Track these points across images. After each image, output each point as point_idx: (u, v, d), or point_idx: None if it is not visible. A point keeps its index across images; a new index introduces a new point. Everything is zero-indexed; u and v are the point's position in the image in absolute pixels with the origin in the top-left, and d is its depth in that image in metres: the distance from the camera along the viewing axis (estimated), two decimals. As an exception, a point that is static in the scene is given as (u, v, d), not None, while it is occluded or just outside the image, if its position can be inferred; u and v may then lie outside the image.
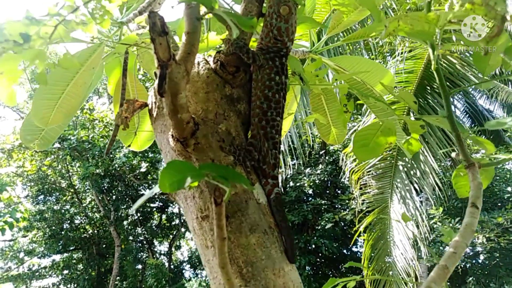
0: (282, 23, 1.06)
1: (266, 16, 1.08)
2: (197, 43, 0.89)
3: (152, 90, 1.11)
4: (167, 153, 1.04)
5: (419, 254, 6.78)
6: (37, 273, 15.58)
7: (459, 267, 9.62)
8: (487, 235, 8.47)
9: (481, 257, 9.50)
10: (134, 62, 1.73)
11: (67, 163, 13.92)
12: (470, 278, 9.51)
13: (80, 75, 1.51)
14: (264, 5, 1.13)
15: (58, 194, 15.14)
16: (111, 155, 12.95)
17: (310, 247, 10.61)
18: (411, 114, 6.47)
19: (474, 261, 9.70)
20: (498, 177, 10.43)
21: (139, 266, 15.01)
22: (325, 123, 1.93)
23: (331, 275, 10.73)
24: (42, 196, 14.79)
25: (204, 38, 1.25)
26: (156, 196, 15.58)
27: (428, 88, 6.82)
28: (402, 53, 6.35)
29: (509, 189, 9.93)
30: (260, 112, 1.06)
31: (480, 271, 9.44)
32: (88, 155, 12.68)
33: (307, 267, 10.25)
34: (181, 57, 0.86)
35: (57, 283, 15.84)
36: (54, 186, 14.74)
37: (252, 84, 1.09)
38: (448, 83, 6.69)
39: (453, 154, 1.52)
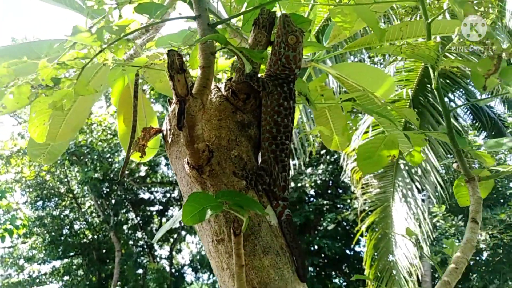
0: (290, 51, 1.10)
1: (275, 45, 1.11)
2: (211, 77, 0.92)
3: (167, 117, 1.15)
4: (183, 178, 1.08)
5: (422, 253, 6.84)
6: (37, 280, 15.55)
7: (461, 264, 9.66)
8: (490, 232, 8.52)
9: (485, 254, 9.54)
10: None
11: (66, 168, 13.90)
12: (474, 275, 9.55)
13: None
14: (273, 32, 1.16)
15: (57, 199, 15.10)
16: (110, 160, 12.94)
17: (312, 248, 10.65)
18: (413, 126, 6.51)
19: (477, 258, 9.74)
20: (498, 173, 10.45)
21: (140, 271, 15.01)
22: (328, 135, 1.97)
23: (334, 276, 10.79)
24: (41, 202, 14.74)
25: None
26: (156, 200, 15.60)
27: (429, 86, 6.85)
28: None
29: (511, 185, 9.97)
30: (270, 137, 1.10)
31: (483, 268, 9.48)
32: (86, 160, 12.68)
33: (310, 269, 10.30)
34: (197, 91, 0.89)
35: (58, 290, 15.83)
36: (52, 191, 14.71)
37: (262, 109, 1.13)
38: (448, 81, 6.74)
39: (454, 165, 1.56)
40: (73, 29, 0.97)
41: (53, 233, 14.19)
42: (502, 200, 9.59)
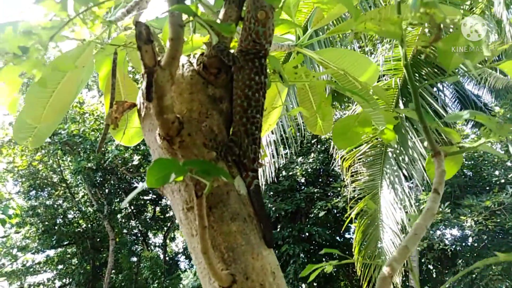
0: (259, 27, 1.12)
1: (245, 21, 1.14)
2: (180, 49, 0.95)
3: (140, 92, 1.18)
4: (155, 150, 1.11)
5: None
6: (31, 269, 15.61)
7: (448, 250, 9.90)
8: (475, 218, 8.70)
9: (470, 239, 9.77)
10: (123, 59, 1.78)
11: (58, 158, 13.87)
12: (460, 261, 9.77)
13: (70, 73, 1.57)
14: (244, 9, 1.19)
15: (50, 189, 15.09)
16: (103, 149, 12.92)
17: (303, 235, 10.79)
18: (400, 101, 6.61)
19: (463, 244, 9.96)
20: (486, 162, 10.65)
21: (134, 259, 15.14)
22: (309, 116, 2.02)
23: (324, 262, 10.97)
24: (33, 192, 14.73)
25: (189, 40, 1.31)
26: (150, 189, 15.64)
27: (417, 75, 6.91)
28: (390, 40, 6.43)
29: (496, 173, 10.16)
30: (241, 110, 1.13)
31: (469, 253, 9.71)
32: (79, 149, 12.65)
33: (301, 255, 10.45)
34: (166, 62, 0.92)
35: (52, 278, 15.91)
36: (45, 181, 14.68)
37: (234, 84, 1.16)
38: (435, 70, 6.79)
39: (425, 143, 1.63)
40: (36, -3, 0.98)
41: (46, 223, 14.21)
42: (487, 188, 9.78)
